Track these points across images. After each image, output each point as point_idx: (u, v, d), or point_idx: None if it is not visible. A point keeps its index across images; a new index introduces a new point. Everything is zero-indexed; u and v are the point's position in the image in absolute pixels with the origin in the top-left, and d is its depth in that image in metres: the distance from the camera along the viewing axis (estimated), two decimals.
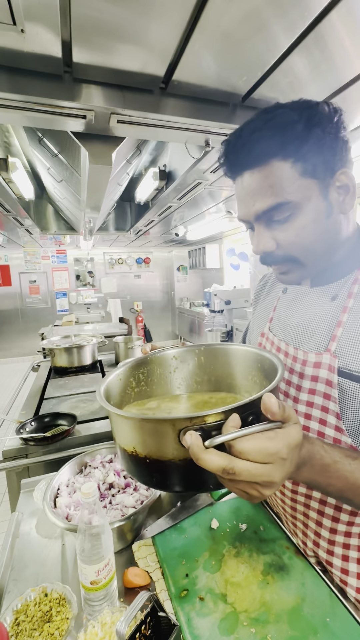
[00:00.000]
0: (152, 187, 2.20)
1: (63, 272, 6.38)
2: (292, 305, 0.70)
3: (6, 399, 4.41)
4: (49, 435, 1.18)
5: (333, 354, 0.58)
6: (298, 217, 0.54)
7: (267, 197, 0.53)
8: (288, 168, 0.52)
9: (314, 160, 0.52)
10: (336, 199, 0.55)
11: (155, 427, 0.43)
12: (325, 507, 0.65)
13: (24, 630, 0.57)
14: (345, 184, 0.55)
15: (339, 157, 0.54)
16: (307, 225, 0.54)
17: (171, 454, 0.42)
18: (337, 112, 0.54)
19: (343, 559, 0.66)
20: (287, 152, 0.51)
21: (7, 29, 0.77)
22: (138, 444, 0.46)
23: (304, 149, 0.51)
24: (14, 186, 2.10)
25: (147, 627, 0.54)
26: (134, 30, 0.80)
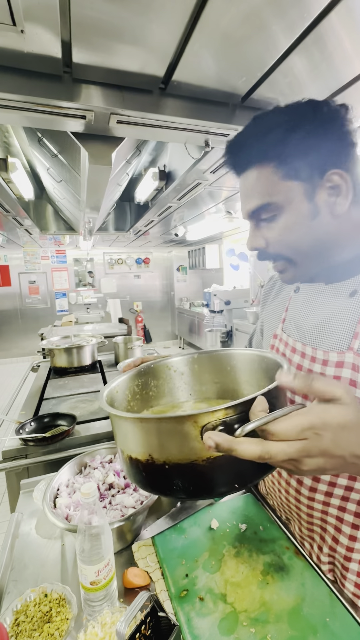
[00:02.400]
0: (152, 187, 2.20)
1: (63, 272, 6.38)
2: (306, 305, 0.67)
3: (6, 399, 4.40)
4: (49, 436, 1.18)
5: (357, 352, 0.55)
6: (282, 218, 0.56)
7: (254, 198, 0.56)
8: (270, 171, 0.54)
9: (296, 163, 0.53)
10: (325, 201, 0.54)
11: (174, 427, 0.40)
12: (345, 513, 0.61)
13: (24, 631, 0.57)
14: (337, 184, 0.53)
15: (330, 158, 0.53)
16: (289, 225, 0.56)
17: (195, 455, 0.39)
18: (334, 112, 0.53)
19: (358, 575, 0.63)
20: (269, 156, 0.53)
21: (7, 30, 0.77)
22: (154, 449, 0.42)
23: (284, 152, 0.52)
24: (14, 186, 2.10)
25: (147, 627, 0.54)
26: (133, 31, 0.80)
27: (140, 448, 0.44)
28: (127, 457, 0.46)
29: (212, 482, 0.42)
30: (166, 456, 0.41)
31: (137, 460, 0.44)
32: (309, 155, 0.52)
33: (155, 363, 0.69)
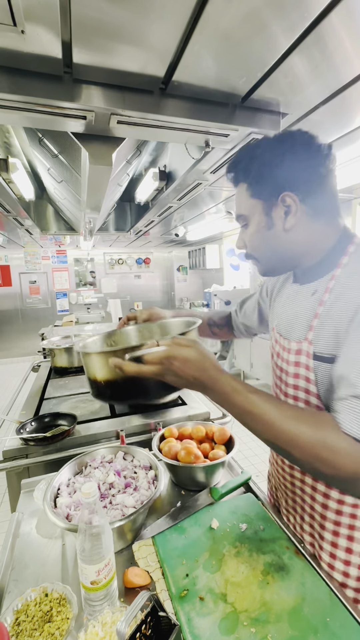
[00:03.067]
0: (152, 187, 2.19)
1: (63, 272, 6.38)
2: (287, 302, 0.79)
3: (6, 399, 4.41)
4: (49, 436, 1.18)
5: (310, 341, 0.66)
6: (249, 227, 0.72)
7: (237, 209, 0.74)
8: (245, 189, 0.70)
9: (260, 186, 0.67)
10: (280, 217, 0.67)
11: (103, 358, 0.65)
12: (318, 482, 0.71)
13: (25, 630, 0.57)
14: (289, 205, 0.65)
15: (284, 183, 0.64)
16: (252, 233, 0.71)
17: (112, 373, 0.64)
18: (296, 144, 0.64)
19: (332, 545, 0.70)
20: (244, 179, 0.70)
21: (7, 30, 0.78)
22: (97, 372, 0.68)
23: (252, 177, 0.68)
24: (14, 187, 2.10)
25: (148, 627, 0.54)
26: (134, 31, 0.80)
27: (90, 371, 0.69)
28: (87, 378, 0.72)
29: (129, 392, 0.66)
30: (102, 374, 0.67)
31: (91, 379, 0.70)
32: (269, 180, 0.66)
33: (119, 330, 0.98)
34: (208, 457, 0.98)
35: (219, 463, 0.94)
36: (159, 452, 0.98)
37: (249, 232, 0.72)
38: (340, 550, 0.69)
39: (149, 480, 0.89)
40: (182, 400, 1.58)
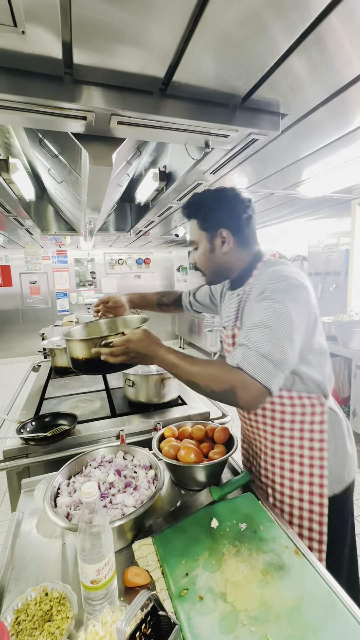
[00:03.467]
0: (152, 188, 2.20)
1: (63, 272, 6.39)
2: (225, 303, 1.09)
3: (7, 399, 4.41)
4: (50, 435, 1.18)
5: (238, 328, 0.98)
6: (198, 250, 1.00)
7: (190, 236, 1.02)
8: (195, 224, 0.98)
9: (203, 223, 0.96)
10: (219, 244, 0.96)
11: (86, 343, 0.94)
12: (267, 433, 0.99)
13: (25, 629, 0.57)
14: (224, 237, 0.94)
15: (221, 222, 0.94)
16: (200, 255, 1.00)
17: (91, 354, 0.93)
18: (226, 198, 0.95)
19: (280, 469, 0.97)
20: (194, 217, 0.98)
21: (7, 31, 0.78)
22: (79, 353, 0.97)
23: (200, 216, 0.97)
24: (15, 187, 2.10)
25: (148, 626, 0.54)
26: (134, 32, 0.80)
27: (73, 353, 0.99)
28: (70, 358, 1.02)
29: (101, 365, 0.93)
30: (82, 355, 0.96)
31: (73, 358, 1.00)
32: (211, 219, 0.95)
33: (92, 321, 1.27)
34: (208, 456, 0.98)
35: (219, 463, 0.94)
36: (159, 452, 0.99)
37: (198, 254, 1.00)
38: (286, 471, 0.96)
39: (149, 480, 0.89)
40: (182, 400, 1.58)
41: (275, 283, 0.84)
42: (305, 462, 0.93)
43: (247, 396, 0.75)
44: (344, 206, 3.20)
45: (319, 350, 0.90)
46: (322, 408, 0.92)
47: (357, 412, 2.64)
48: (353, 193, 2.85)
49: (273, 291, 0.82)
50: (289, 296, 0.81)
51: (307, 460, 0.93)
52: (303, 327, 0.82)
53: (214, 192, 0.96)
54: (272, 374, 0.75)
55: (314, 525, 0.92)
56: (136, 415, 1.41)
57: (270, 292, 0.82)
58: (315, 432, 0.92)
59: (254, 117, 1.20)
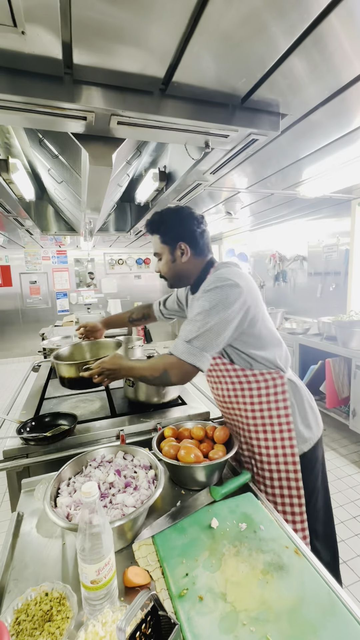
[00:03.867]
0: (152, 188, 2.20)
1: (63, 272, 6.38)
2: (189, 306, 1.27)
3: (7, 399, 4.41)
4: (50, 435, 1.18)
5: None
6: (162, 260, 1.16)
7: (154, 249, 1.18)
8: (158, 238, 1.14)
9: (164, 237, 1.12)
10: (178, 255, 1.12)
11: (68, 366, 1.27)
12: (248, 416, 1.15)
13: (25, 630, 0.57)
14: (183, 249, 1.11)
15: (179, 236, 1.10)
16: (163, 264, 1.16)
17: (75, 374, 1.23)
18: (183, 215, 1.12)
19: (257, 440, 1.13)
20: (157, 232, 1.13)
21: (7, 31, 0.78)
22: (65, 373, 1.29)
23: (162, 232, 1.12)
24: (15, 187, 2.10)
25: (148, 626, 0.54)
26: (134, 32, 0.81)
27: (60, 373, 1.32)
28: (59, 377, 1.33)
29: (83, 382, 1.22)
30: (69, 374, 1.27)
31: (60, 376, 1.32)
32: (171, 234, 1.11)
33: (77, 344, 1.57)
34: (208, 456, 0.98)
35: (218, 463, 0.94)
36: (159, 452, 0.99)
37: (161, 263, 1.16)
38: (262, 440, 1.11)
39: (149, 480, 0.89)
40: (182, 400, 1.58)
41: (210, 285, 1.01)
42: (275, 429, 1.09)
43: (178, 374, 0.99)
44: (344, 206, 3.20)
45: (269, 338, 1.09)
46: (282, 380, 1.10)
47: (357, 412, 2.64)
48: (353, 193, 2.85)
49: (206, 292, 1.01)
50: (218, 295, 0.98)
51: (277, 427, 1.09)
52: (234, 320, 0.98)
53: (172, 211, 1.13)
54: (197, 355, 0.96)
55: (291, 483, 1.08)
56: (136, 415, 1.41)
57: (204, 292, 1.02)
58: (280, 401, 1.10)
59: (253, 117, 1.20)
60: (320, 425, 1.18)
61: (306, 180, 2.28)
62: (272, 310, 3.91)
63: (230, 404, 1.18)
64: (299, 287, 3.99)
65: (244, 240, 5.38)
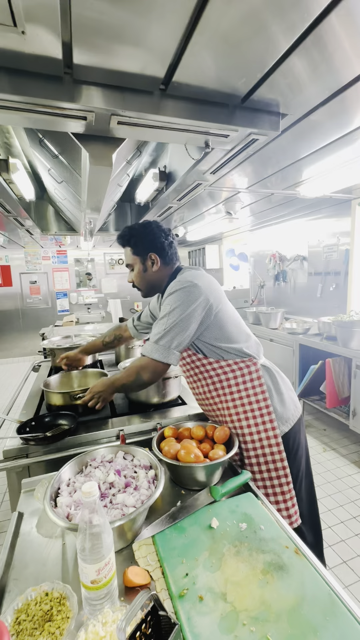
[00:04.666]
0: (152, 188, 2.20)
1: (63, 272, 6.38)
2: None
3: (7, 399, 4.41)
4: (50, 435, 1.18)
5: None
6: (134, 270, 1.24)
7: (126, 260, 1.27)
8: (129, 250, 1.23)
9: (136, 249, 1.22)
10: (149, 265, 1.22)
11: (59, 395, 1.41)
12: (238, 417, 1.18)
13: (25, 630, 0.57)
14: (153, 259, 1.21)
15: (148, 248, 1.20)
16: (135, 275, 1.25)
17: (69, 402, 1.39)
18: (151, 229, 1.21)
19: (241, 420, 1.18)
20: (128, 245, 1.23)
21: (7, 31, 0.78)
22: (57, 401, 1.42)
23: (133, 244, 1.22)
24: (15, 187, 2.10)
25: (148, 626, 0.54)
26: (134, 32, 0.81)
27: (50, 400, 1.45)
28: (46, 403, 1.48)
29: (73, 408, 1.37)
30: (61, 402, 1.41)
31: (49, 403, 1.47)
32: (141, 246, 1.21)
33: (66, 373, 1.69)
34: (208, 456, 0.98)
35: (219, 462, 0.94)
36: (159, 452, 0.99)
37: (134, 274, 1.25)
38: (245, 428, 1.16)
39: (149, 480, 0.89)
40: (182, 400, 1.58)
41: (172, 288, 1.11)
42: (256, 414, 1.15)
43: (149, 373, 1.09)
44: (344, 206, 3.20)
45: (235, 332, 1.17)
46: (255, 366, 1.17)
47: (357, 412, 2.64)
48: (353, 193, 2.84)
49: (169, 294, 1.11)
50: (179, 296, 1.08)
51: (257, 412, 1.15)
52: (195, 316, 1.08)
53: (141, 225, 1.22)
54: (165, 352, 1.06)
55: (277, 464, 1.12)
56: (136, 415, 1.41)
57: (167, 296, 1.11)
58: (257, 387, 1.16)
59: (253, 117, 1.20)
60: (298, 406, 1.24)
61: (306, 180, 2.28)
62: (272, 310, 3.91)
63: (211, 398, 1.25)
64: (299, 287, 3.98)
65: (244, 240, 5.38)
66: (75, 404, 1.39)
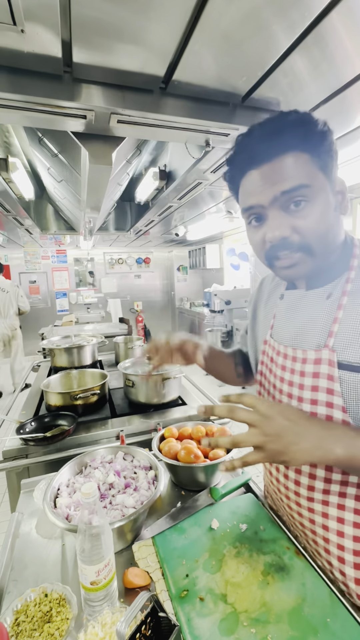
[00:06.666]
0: (152, 187, 2.19)
1: (63, 272, 6.38)
2: (290, 310, 0.72)
3: (6, 399, 4.40)
4: (49, 436, 1.18)
5: (332, 348, 0.60)
6: (315, 205, 0.57)
7: (289, 180, 0.56)
8: (308, 159, 0.56)
9: (326, 159, 0.58)
10: (336, 200, 0.60)
11: (59, 395, 1.41)
12: (344, 525, 0.63)
13: (24, 631, 0.57)
14: (341, 190, 0.61)
15: (335, 167, 0.60)
16: (322, 213, 0.57)
17: (69, 402, 1.38)
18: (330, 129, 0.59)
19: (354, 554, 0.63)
20: (308, 146, 0.56)
21: (7, 29, 0.77)
22: (59, 401, 1.40)
23: (321, 147, 0.57)
24: (14, 186, 2.10)
25: (148, 628, 0.54)
26: (134, 31, 0.80)
27: (49, 401, 1.45)
28: (46, 403, 1.46)
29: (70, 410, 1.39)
30: (60, 403, 1.41)
31: (47, 403, 1.46)
32: (331, 158, 0.59)
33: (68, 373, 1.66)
34: (208, 457, 0.98)
35: (219, 463, 0.94)
36: (159, 452, 0.98)
37: (315, 213, 0.57)
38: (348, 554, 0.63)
39: (149, 481, 0.89)
40: (182, 400, 1.57)
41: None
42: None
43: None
44: None
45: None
46: None
47: None
48: (354, 192, 2.84)
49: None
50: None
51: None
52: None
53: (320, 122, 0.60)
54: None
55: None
56: (136, 415, 1.41)
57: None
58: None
59: (254, 115, 1.20)
60: None
61: None
62: None
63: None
64: None
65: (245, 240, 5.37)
66: (75, 404, 1.38)
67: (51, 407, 1.43)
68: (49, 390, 1.43)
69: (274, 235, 0.58)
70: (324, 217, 0.57)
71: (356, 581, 0.63)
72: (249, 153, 0.59)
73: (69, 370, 1.69)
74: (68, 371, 1.68)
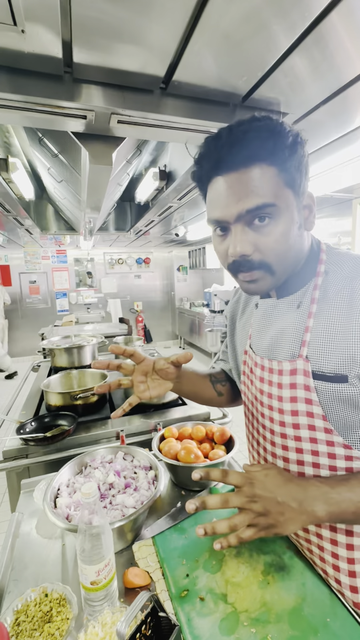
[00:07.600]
0: (153, 187, 2.19)
1: (63, 272, 6.38)
2: (264, 319, 0.73)
3: (6, 399, 4.41)
4: (49, 436, 1.18)
5: (305, 358, 0.60)
6: (278, 223, 0.56)
7: (253, 197, 0.54)
8: (275, 174, 0.54)
9: (294, 175, 0.56)
10: (302, 215, 0.60)
11: (59, 394, 1.41)
12: (337, 534, 0.64)
13: (25, 631, 0.57)
14: (309, 204, 0.61)
15: (305, 180, 0.59)
16: (285, 232, 0.56)
17: (69, 402, 1.39)
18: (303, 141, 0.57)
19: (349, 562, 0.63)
20: (276, 159, 0.54)
21: (7, 30, 0.77)
22: (57, 401, 1.41)
23: (289, 161, 0.54)
24: (14, 186, 2.10)
25: (148, 627, 0.54)
26: (134, 31, 0.80)
27: (49, 400, 1.45)
28: (46, 403, 1.47)
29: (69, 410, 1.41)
30: (60, 403, 1.42)
31: (48, 403, 1.47)
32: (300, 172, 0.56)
33: (68, 373, 1.68)
34: (208, 457, 0.98)
35: (219, 463, 0.94)
36: (159, 452, 0.98)
37: (278, 231, 0.55)
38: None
39: (149, 481, 0.89)
40: (182, 400, 1.57)
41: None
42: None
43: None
44: (345, 206, 3.20)
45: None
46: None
47: None
48: (354, 192, 2.84)
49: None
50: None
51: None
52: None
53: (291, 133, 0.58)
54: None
55: None
56: (136, 415, 1.41)
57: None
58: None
59: None
60: None
61: None
62: None
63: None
64: None
65: None
66: (75, 404, 1.38)
67: (51, 407, 1.43)
68: (49, 390, 1.43)
69: (235, 251, 0.57)
70: (286, 236, 0.56)
71: (351, 589, 0.64)
72: (215, 158, 0.56)
73: (69, 371, 1.69)
74: (68, 371, 1.68)
